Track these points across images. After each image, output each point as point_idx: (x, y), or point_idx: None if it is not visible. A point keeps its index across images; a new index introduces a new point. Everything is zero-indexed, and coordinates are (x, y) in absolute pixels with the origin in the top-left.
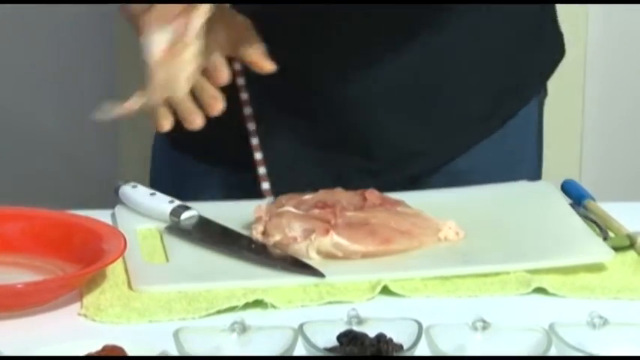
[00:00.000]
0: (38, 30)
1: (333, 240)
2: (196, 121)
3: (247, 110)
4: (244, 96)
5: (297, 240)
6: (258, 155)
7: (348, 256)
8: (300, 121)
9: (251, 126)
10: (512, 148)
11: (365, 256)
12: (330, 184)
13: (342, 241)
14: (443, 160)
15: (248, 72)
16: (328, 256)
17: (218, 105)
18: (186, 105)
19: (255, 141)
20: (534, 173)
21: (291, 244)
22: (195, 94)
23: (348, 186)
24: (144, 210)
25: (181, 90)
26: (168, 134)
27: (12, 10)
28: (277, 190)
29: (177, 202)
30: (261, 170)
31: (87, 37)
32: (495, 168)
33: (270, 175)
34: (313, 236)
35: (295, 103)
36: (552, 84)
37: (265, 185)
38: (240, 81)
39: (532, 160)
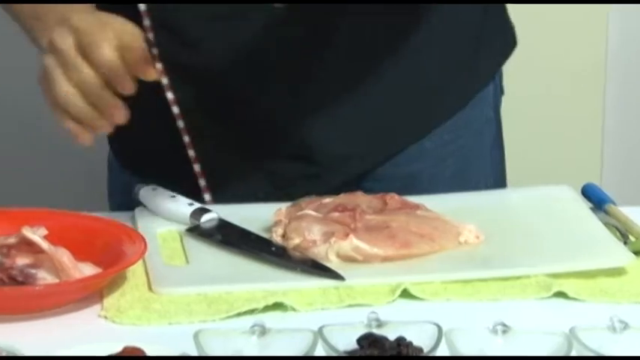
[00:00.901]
0: None
1: (352, 244)
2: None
3: (180, 123)
4: (175, 109)
5: (316, 243)
6: (196, 167)
7: (367, 259)
8: (233, 129)
9: (186, 138)
10: (462, 152)
11: (385, 260)
12: (272, 190)
13: (362, 245)
14: (381, 161)
15: (175, 86)
16: (348, 259)
17: (120, 113)
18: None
19: (191, 153)
20: (495, 177)
21: (311, 248)
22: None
23: (289, 191)
24: (164, 212)
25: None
26: (119, 155)
27: None
28: (219, 201)
29: (197, 205)
30: (202, 182)
31: None
32: (442, 172)
33: (210, 186)
34: (333, 240)
35: (226, 111)
36: (572, 87)
37: (207, 196)
38: (165, 81)
39: (488, 164)
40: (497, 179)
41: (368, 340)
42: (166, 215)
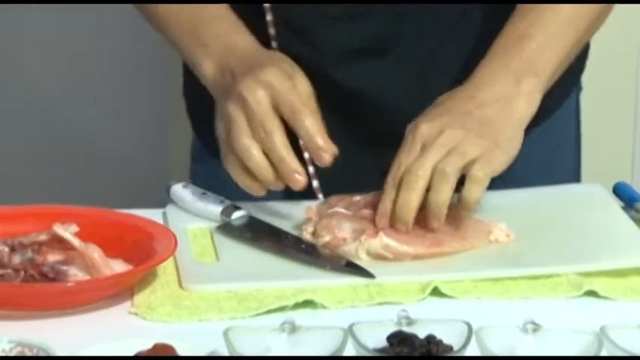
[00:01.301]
0: (89, 32)
1: (382, 242)
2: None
3: None
4: None
5: (346, 241)
6: (307, 154)
7: (397, 257)
8: (348, 119)
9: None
10: (550, 148)
11: (415, 258)
12: (379, 182)
13: (392, 243)
14: None
15: None
16: (378, 257)
17: (300, 181)
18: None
19: (306, 155)
20: (573, 173)
21: (341, 245)
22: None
23: None
24: (195, 209)
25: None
26: (208, 144)
27: (64, 10)
28: (326, 189)
29: (228, 202)
30: (311, 169)
31: (137, 38)
32: (532, 168)
33: (319, 174)
34: (363, 237)
35: (341, 102)
36: (604, 85)
37: (315, 183)
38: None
39: (571, 160)
40: (575, 174)
41: (398, 338)
42: (197, 212)
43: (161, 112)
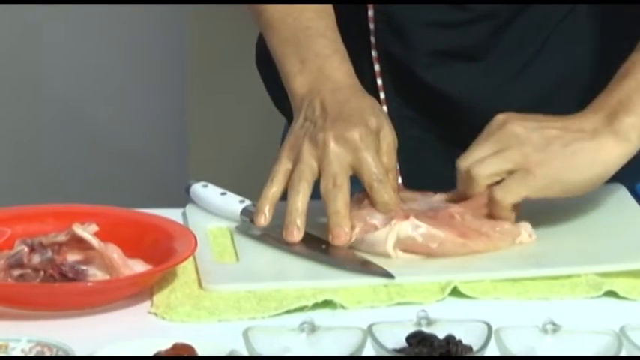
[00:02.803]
0: (108, 31)
1: (413, 224)
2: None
3: (384, 109)
4: (381, 95)
5: (377, 227)
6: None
7: (426, 241)
8: (434, 121)
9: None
10: None
11: (442, 246)
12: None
13: (422, 225)
14: None
15: (384, 73)
16: (407, 243)
17: (296, 233)
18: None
19: None
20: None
21: (371, 232)
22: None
23: None
24: (215, 209)
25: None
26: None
27: (83, 10)
28: (407, 184)
29: (247, 202)
30: (399, 179)
31: (157, 38)
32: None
33: (402, 171)
34: (393, 222)
35: (430, 103)
36: None
37: (399, 180)
38: (377, 67)
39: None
40: None
41: (417, 338)
42: (217, 212)
43: (182, 112)
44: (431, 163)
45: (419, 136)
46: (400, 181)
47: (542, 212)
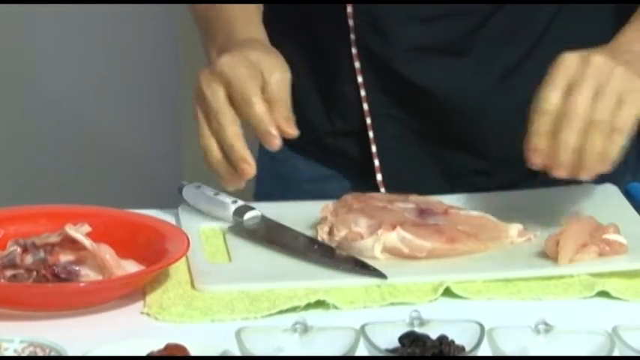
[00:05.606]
0: (102, 31)
1: (399, 234)
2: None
3: (365, 106)
4: (362, 92)
5: (362, 236)
6: (373, 148)
7: (413, 252)
8: (416, 118)
9: (368, 120)
10: None
11: (430, 254)
12: (442, 182)
13: (408, 236)
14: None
15: (364, 70)
16: (393, 252)
17: (248, 169)
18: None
19: (370, 134)
20: (636, 172)
21: (357, 240)
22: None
23: (459, 184)
24: (207, 210)
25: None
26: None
27: (78, 10)
28: (389, 184)
29: (240, 202)
30: (379, 177)
31: (151, 39)
32: None
33: (383, 169)
34: (379, 232)
35: (411, 99)
36: None
37: (379, 177)
38: (357, 64)
39: (633, 158)
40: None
41: (410, 339)
42: (209, 212)
43: (175, 113)
44: (412, 161)
45: (400, 134)
46: (380, 178)
47: (533, 212)
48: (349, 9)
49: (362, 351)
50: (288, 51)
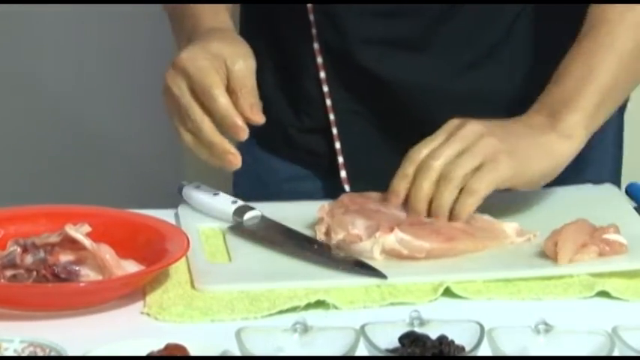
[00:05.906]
0: (103, 31)
1: (397, 236)
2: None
3: (328, 102)
4: (325, 88)
5: (361, 238)
6: (337, 144)
7: (412, 253)
8: (378, 114)
9: (331, 116)
10: (584, 147)
11: (429, 254)
12: None
13: (407, 237)
14: None
15: (326, 65)
16: (392, 254)
17: (233, 159)
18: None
19: (334, 131)
20: (612, 173)
21: (355, 243)
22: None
23: None
24: (207, 210)
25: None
26: (254, 134)
27: (77, 10)
28: (354, 179)
29: (240, 203)
30: (343, 174)
31: (152, 38)
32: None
33: (347, 165)
34: (377, 234)
35: (373, 96)
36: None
37: (343, 174)
38: (320, 60)
39: (609, 160)
40: (613, 178)
41: (410, 339)
42: (209, 212)
43: None
44: (376, 158)
45: (364, 130)
46: (344, 175)
47: (534, 212)
48: (309, 4)
49: (362, 351)
50: (254, 49)
